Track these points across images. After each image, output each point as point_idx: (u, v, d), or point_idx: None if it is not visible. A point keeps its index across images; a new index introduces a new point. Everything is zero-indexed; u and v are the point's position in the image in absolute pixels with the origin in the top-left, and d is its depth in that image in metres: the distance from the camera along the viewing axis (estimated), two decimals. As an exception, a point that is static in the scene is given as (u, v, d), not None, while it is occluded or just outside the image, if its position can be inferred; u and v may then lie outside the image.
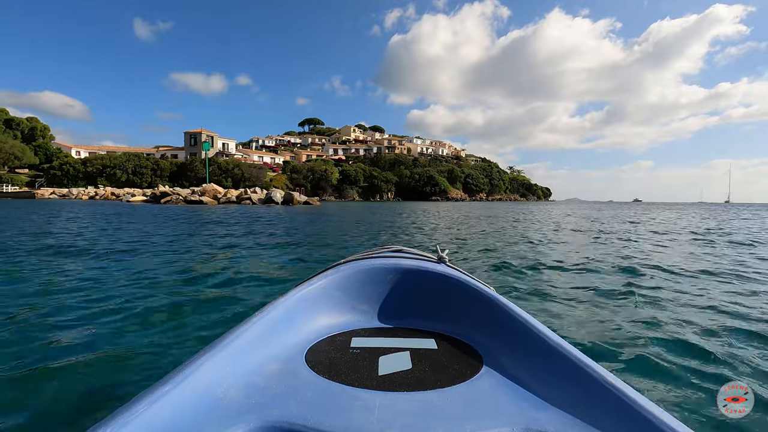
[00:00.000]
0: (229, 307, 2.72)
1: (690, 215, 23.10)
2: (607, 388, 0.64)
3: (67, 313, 2.50)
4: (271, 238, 7.37)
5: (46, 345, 2.00)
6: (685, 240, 8.32)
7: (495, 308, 0.96)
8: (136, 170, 52.77)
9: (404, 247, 1.46)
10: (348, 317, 1.05)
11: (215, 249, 5.80)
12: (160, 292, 3.08)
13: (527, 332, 0.84)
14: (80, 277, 3.61)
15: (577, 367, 0.70)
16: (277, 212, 17.91)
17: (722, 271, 4.47)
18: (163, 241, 6.57)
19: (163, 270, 4.03)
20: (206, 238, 7.29)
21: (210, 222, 11.47)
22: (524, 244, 7.14)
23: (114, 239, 6.81)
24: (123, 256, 5.06)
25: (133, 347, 1.99)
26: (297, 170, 71.36)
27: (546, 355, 0.77)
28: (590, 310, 2.87)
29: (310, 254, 5.46)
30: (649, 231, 10.71)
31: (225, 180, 54.87)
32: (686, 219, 18.32)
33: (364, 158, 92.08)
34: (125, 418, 0.51)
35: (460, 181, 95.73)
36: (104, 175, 50.96)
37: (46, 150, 57.92)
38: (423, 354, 0.87)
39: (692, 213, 27.35)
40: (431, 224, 12.31)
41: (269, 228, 9.75)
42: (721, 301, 3.12)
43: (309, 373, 0.76)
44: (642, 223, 14.66)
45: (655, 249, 6.67)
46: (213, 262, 4.68)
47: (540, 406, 0.67)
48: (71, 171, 49.94)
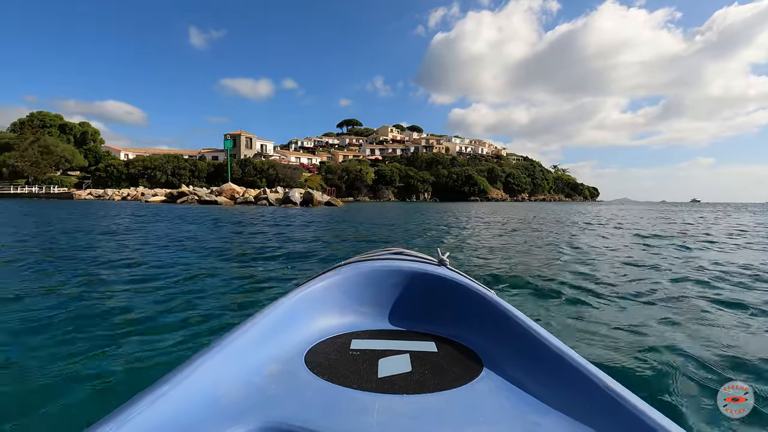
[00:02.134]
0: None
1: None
2: (608, 393, 0.62)
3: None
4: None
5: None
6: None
7: (495, 311, 0.95)
8: (175, 171, 53.91)
9: (405, 249, 1.45)
10: (348, 319, 1.04)
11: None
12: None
13: (528, 336, 0.83)
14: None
15: (579, 372, 0.69)
16: (290, 214, 16.27)
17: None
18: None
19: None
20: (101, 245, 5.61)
21: (186, 220, 9.92)
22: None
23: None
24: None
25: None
26: (332, 170, 70.63)
27: (547, 359, 0.75)
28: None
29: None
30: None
31: (260, 180, 54.91)
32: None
33: (401, 158, 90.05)
34: (125, 417, 0.51)
35: (500, 181, 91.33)
36: (145, 176, 52.40)
37: (96, 153, 60.82)
38: (423, 357, 0.85)
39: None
40: (460, 230, 10.12)
41: (234, 237, 7.98)
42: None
43: (309, 375, 0.75)
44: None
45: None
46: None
47: (541, 410, 0.66)
48: (115, 173, 51.77)
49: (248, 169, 57.02)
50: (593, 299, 3.11)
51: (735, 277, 4.03)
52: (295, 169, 62.42)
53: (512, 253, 5.95)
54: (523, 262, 5.04)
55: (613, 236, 8.81)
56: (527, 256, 5.62)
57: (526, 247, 6.65)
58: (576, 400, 0.65)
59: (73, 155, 53.85)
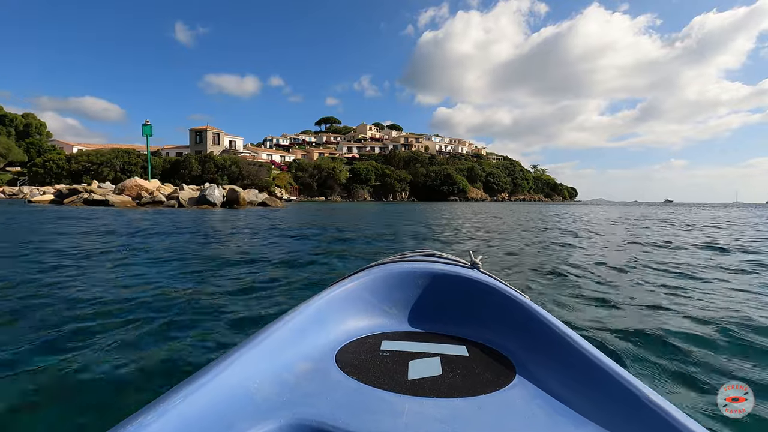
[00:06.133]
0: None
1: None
2: (648, 405, 0.60)
3: None
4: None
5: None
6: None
7: (530, 317, 0.92)
8: (125, 168, 48.95)
9: (437, 252, 1.41)
10: (378, 320, 1.03)
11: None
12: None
13: (564, 343, 0.80)
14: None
15: (616, 382, 0.66)
16: (176, 221, 12.62)
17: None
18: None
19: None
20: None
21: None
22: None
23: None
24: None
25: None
26: (303, 168, 66.48)
27: (583, 367, 0.73)
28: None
29: None
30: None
31: (221, 178, 50.47)
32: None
33: (378, 156, 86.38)
34: (162, 409, 0.52)
35: (480, 180, 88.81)
36: (91, 172, 47.27)
37: (39, 147, 55.18)
38: (454, 360, 0.84)
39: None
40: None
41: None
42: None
43: (339, 374, 0.75)
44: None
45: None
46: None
47: (576, 421, 0.63)
48: (54, 168, 46.51)
49: (208, 166, 52.52)
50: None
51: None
52: (261, 166, 58.02)
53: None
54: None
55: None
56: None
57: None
58: (613, 412, 0.62)
59: (8, 149, 48.41)
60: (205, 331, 2.21)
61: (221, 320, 2.39)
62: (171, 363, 1.79)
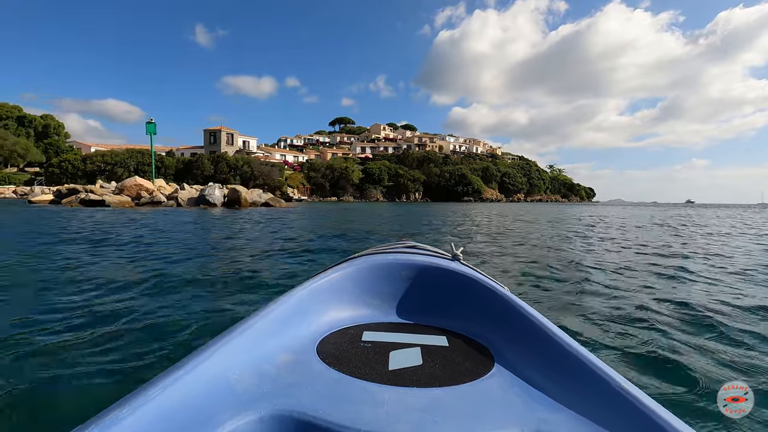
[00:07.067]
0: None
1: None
2: (620, 392, 0.62)
3: None
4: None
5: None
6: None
7: (508, 308, 0.94)
8: (139, 168, 49.08)
9: (418, 243, 1.41)
10: (360, 311, 1.03)
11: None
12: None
13: (540, 333, 0.82)
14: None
15: (590, 370, 0.69)
16: (184, 221, 11.85)
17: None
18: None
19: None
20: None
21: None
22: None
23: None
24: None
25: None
26: (315, 168, 65.93)
27: (559, 356, 0.75)
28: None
29: None
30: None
31: (233, 178, 50.25)
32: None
33: (391, 156, 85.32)
34: (139, 402, 0.51)
35: (495, 180, 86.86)
36: (105, 172, 47.55)
37: (57, 148, 55.94)
38: (434, 351, 0.85)
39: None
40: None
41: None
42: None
43: (320, 365, 0.76)
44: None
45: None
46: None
47: (551, 407, 0.66)
48: (70, 168, 46.89)
49: (221, 166, 52.36)
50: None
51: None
52: (273, 166, 57.60)
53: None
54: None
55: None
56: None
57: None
58: (587, 398, 0.65)
59: (26, 149, 49.07)
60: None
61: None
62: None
